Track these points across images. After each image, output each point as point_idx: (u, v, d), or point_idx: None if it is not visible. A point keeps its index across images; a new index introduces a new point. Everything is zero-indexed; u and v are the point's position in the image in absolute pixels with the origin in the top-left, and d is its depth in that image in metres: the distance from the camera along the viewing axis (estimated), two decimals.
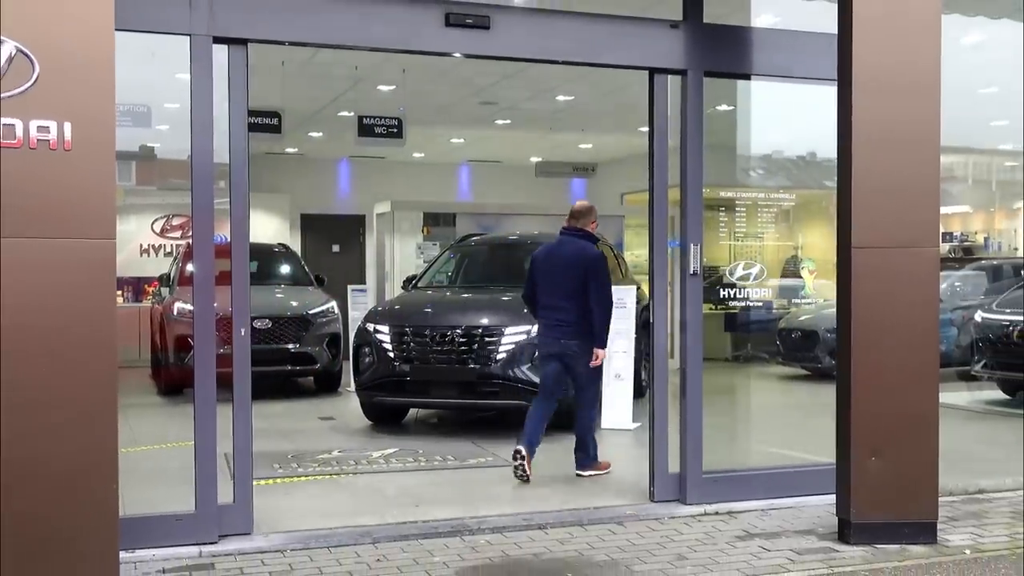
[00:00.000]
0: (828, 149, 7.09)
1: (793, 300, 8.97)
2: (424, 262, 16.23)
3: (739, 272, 8.23)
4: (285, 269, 15.41)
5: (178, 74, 6.27)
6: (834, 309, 6.90)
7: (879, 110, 6.51)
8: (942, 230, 7.45)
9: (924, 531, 6.58)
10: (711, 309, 8.35)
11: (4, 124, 4.93)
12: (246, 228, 6.53)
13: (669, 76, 7.37)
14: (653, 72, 7.32)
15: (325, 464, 8.97)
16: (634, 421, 10.83)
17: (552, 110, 16.65)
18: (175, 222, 17.47)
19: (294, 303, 13.80)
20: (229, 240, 6.45)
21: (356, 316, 13.47)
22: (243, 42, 6.40)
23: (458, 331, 10.36)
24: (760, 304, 8.49)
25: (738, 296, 8.24)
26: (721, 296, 8.26)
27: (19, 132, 4.95)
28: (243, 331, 6.44)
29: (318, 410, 12.33)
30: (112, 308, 5.20)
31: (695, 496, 7.38)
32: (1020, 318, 12.25)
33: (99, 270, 5.13)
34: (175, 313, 12.35)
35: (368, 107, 15.83)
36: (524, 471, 8.13)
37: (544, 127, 18.35)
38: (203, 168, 6.28)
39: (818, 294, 9.41)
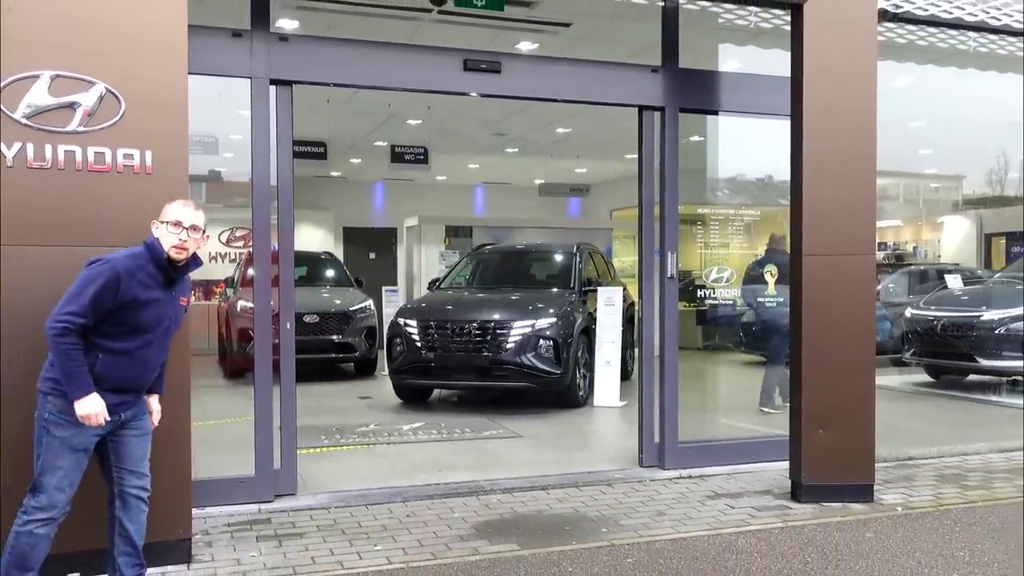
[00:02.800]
0: (782, 172, 7.08)
1: (758, 299, 8.97)
2: (446, 267, 16.24)
3: (713, 275, 8.23)
4: (330, 273, 15.40)
5: (240, 110, 6.28)
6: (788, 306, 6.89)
7: (825, 140, 6.51)
8: (878, 240, 7.43)
9: (863, 491, 6.58)
10: (685, 306, 8.34)
11: (96, 152, 4.94)
12: (291, 239, 6.56)
13: (652, 112, 7.37)
14: (641, 109, 7.33)
15: (363, 436, 8.97)
16: (620, 400, 10.83)
17: (553, 140, 16.66)
18: (238, 234, 17.48)
19: (337, 301, 13.79)
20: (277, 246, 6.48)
21: (389, 312, 13.48)
22: (293, 84, 6.41)
23: (474, 324, 10.37)
24: (729, 302, 8.48)
25: (711, 296, 8.24)
26: (697, 296, 8.25)
27: (108, 159, 4.96)
28: (288, 325, 6.46)
29: (357, 391, 12.33)
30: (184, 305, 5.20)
31: (672, 462, 7.37)
32: (942, 314, 12.26)
33: None
34: (238, 310, 12.36)
35: (399, 138, 15.85)
36: None
37: (546, 154, 18.36)
38: (261, 189, 6.29)
39: (780, 294, 9.41)
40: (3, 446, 4.67)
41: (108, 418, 4.12)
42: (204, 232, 4.43)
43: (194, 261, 4.47)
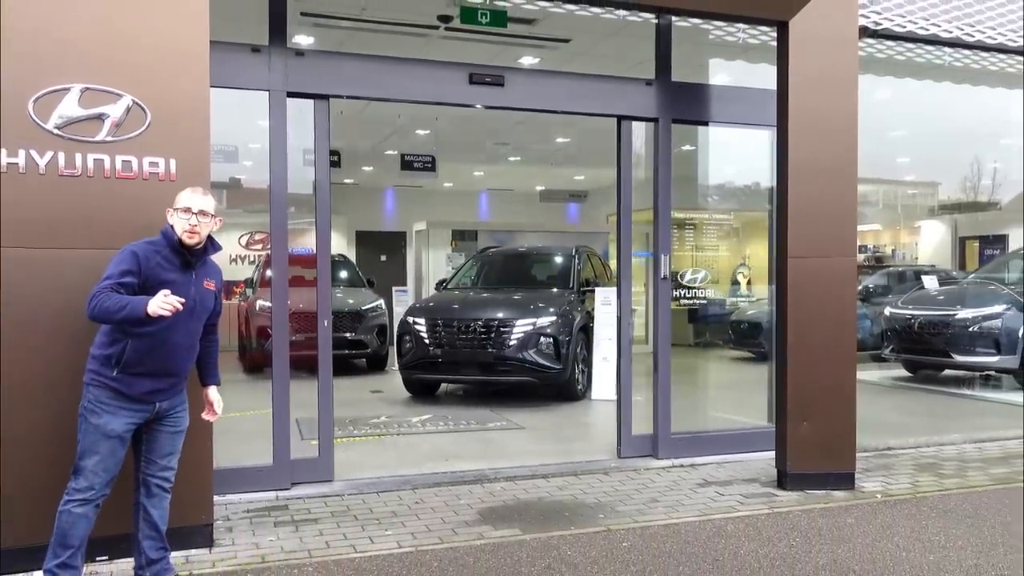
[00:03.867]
0: (768, 179, 7.07)
1: (730, 298, 9.00)
2: (452, 268, 16.23)
3: (688, 276, 8.23)
4: (344, 274, 15.39)
5: (259, 121, 6.28)
6: (775, 305, 6.89)
7: (809, 149, 6.50)
8: (859, 243, 7.41)
9: (844, 479, 6.57)
10: (677, 305, 8.34)
11: (123, 160, 4.94)
12: (328, 242, 6.62)
13: (646, 123, 7.37)
14: (620, 119, 7.32)
15: (375, 427, 8.97)
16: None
17: (553, 149, 16.64)
18: (257, 237, 17.46)
19: (350, 301, 13.79)
20: (314, 250, 6.56)
21: (399, 311, 13.48)
22: (316, 97, 6.42)
23: (479, 323, 10.37)
24: (706, 300, 8.48)
25: (687, 295, 8.25)
26: (674, 295, 8.26)
27: (135, 167, 4.96)
28: (326, 322, 6.53)
29: (369, 385, 12.32)
30: None
31: (665, 452, 7.36)
32: (920, 312, 12.25)
33: None
34: (257, 309, 12.36)
35: (408, 147, 15.83)
36: None
37: (547, 163, 18.33)
38: (279, 195, 6.29)
39: (752, 293, 9.45)
40: (4, 446, 4.71)
41: (179, 302, 4.07)
42: (215, 217, 4.43)
43: (212, 245, 4.48)
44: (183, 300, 4.10)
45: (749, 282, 8.97)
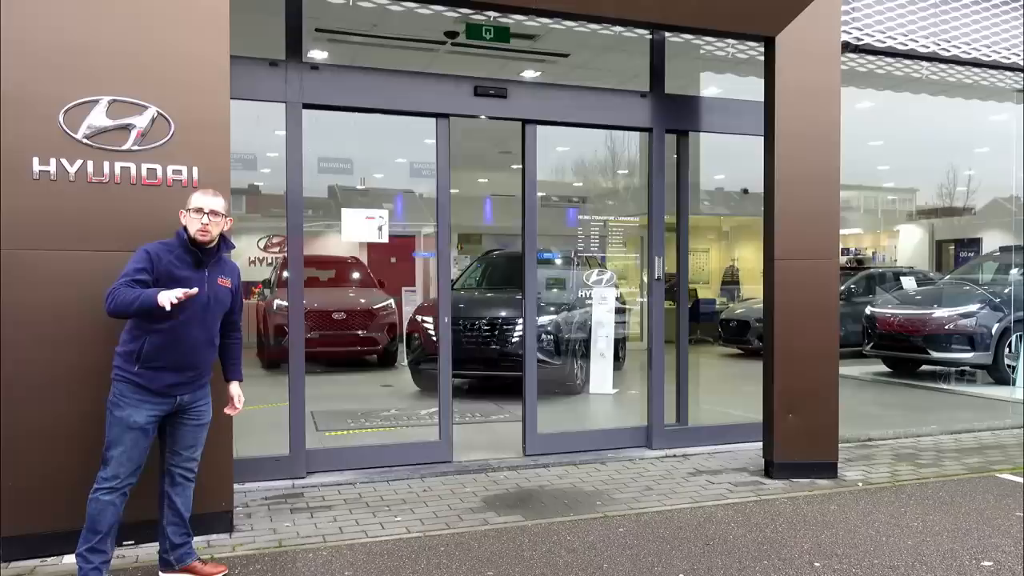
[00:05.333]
0: (756, 185, 7.06)
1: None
2: (458, 270, 16.22)
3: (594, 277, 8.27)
4: (356, 275, 15.41)
5: (276, 131, 6.28)
6: (761, 304, 6.88)
7: (795, 157, 6.50)
8: (841, 246, 7.39)
9: (827, 469, 6.56)
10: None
11: (148, 168, 4.94)
12: (447, 246, 6.70)
13: (641, 132, 7.38)
14: (635, 130, 7.33)
15: (385, 419, 8.96)
16: (613, 388, 10.80)
17: (553, 157, 16.64)
18: (274, 240, 17.46)
19: (362, 300, 13.79)
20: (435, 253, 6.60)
21: (408, 310, 13.48)
22: (331, 108, 6.43)
23: (483, 321, 10.37)
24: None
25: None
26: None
27: (159, 174, 4.96)
28: (445, 319, 6.67)
29: (380, 380, 12.32)
30: None
31: (659, 443, 7.36)
32: (899, 311, 12.25)
33: None
34: (274, 308, 12.37)
35: (417, 155, 15.83)
36: None
37: (547, 170, 18.32)
38: (295, 201, 6.29)
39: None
40: (40, 439, 4.73)
41: (185, 292, 4.07)
42: (226, 216, 4.43)
43: (225, 243, 4.48)
44: (190, 290, 4.10)
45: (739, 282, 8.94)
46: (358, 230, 6.94)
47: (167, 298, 3.99)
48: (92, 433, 4.56)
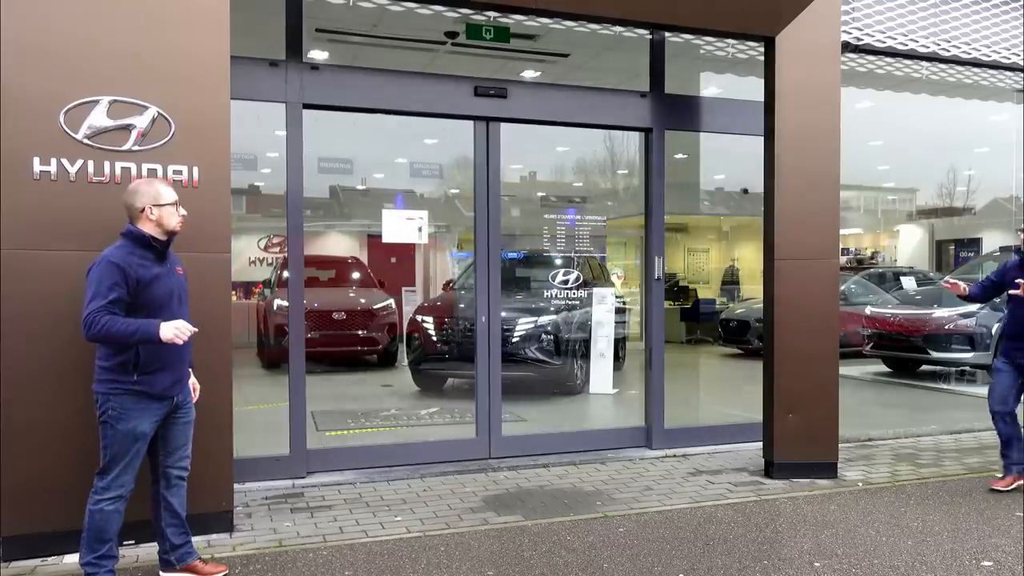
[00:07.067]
0: (756, 185, 7.06)
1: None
2: (459, 270, 16.22)
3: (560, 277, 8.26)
4: (356, 275, 15.42)
5: (277, 131, 6.28)
6: (761, 304, 6.88)
7: (795, 157, 6.50)
8: (841, 246, 7.38)
9: (827, 469, 6.56)
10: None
11: (149, 168, 4.94)
12: (497, 244, 6.72)
13: (639, 132, 7.38)
14: (635, 129, 7.33)
15: (385, 419, 8.96)
16: (613, 388, 10.80)
17: (553, 157, 16.62)
18: (274, 240, 17.46)
19: (363, 300, 13.81)
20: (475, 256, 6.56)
21: (408, 310, 13.48)
22: (331, 108, 6.43)
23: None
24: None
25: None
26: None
27: (160, 174, 4.96)
28: (483, 318, 6.59)
29: (380, 379, 12.32)
30: (227, 303, 5.20)
31: (659, 443, 7.36)
32: (899, 311, 12.25)
33: (218, 276, 5.12)
34: (275, 308, 12.37)
35: (417, 155, 15.82)
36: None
37: (547, 169, 18.32)
38: (295, 201, 6.29)
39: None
40: (16, 444, 4.72)
41: (189, 330, 4.07)
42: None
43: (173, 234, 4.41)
44: (193, 328, 4.10)
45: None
46: (399, 231, 6.97)
47: (171, 332, 3.98)
48: (92, 433, 4.54)
